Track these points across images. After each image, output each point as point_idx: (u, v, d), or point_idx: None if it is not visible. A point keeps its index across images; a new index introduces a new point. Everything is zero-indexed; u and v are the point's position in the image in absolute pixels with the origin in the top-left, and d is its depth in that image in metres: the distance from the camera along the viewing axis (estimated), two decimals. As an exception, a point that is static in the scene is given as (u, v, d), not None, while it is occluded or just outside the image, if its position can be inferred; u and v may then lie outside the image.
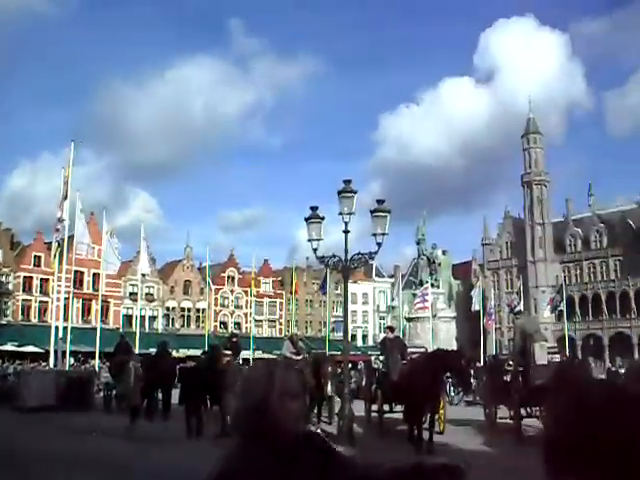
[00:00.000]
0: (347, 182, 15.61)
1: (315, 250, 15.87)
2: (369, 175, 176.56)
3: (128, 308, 65.36)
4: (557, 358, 33.58)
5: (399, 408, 17.01)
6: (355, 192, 15.66)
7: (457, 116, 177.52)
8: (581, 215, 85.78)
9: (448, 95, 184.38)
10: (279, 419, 1.98)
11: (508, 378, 16.63)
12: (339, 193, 15.59)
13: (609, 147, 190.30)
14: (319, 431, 15.85)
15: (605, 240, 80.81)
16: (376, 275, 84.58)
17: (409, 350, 20.11)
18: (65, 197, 29.68)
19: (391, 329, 19.34)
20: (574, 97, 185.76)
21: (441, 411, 15.63)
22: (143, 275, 47.19)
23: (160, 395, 20.88)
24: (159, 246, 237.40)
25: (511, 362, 16.79)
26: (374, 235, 15.43)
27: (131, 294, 64.69)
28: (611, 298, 75.45)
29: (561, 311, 53.27)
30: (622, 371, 35.07)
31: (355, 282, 72.48)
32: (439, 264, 39.97)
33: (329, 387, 16.30)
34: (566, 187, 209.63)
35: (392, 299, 64.98)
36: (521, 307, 49.99)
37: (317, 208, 16.05)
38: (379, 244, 15.48)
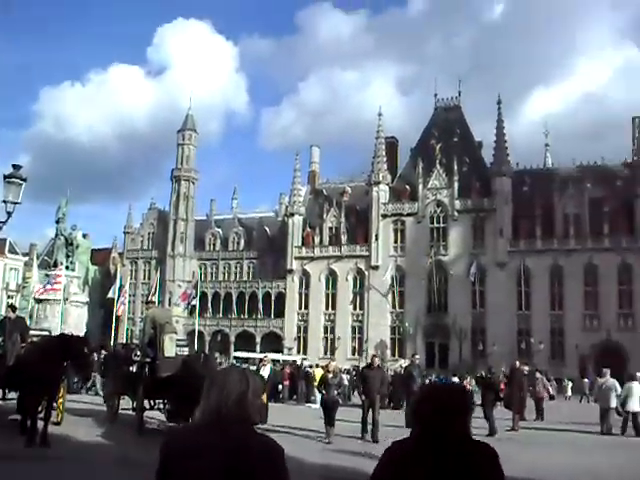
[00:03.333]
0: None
1: None
2: (20, 148, 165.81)
3: None
4: (186, 351, 34.16)
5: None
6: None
7: (122, 103, 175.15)
8: (223, 216, 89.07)
9: (116, 80, 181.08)
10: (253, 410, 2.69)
11: (134, 369, 16.15)
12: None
13: (258, 158, 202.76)
14: None
15: (242, 242, 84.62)
16: (9, 252, 78.84)
17: (34, 333, 18.66)
18: None
19: (13, 308, 17.65)
20: (235, 106, 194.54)
21: (60, 400, 14.55)
22: None
23: None
24: None
25: (139, 352, 16.29)
26: (4, 202, 13.89)
27: None
28: (241, 298, 79.05)
29: (194, 306, 54.17)
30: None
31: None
32: (77, 247, 38.11)
33: None
34: (214, 188, 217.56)
35: (23, 278, 60.74)
36: (154, 298, 49.85)
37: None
38: (9, 213, 13.97)
